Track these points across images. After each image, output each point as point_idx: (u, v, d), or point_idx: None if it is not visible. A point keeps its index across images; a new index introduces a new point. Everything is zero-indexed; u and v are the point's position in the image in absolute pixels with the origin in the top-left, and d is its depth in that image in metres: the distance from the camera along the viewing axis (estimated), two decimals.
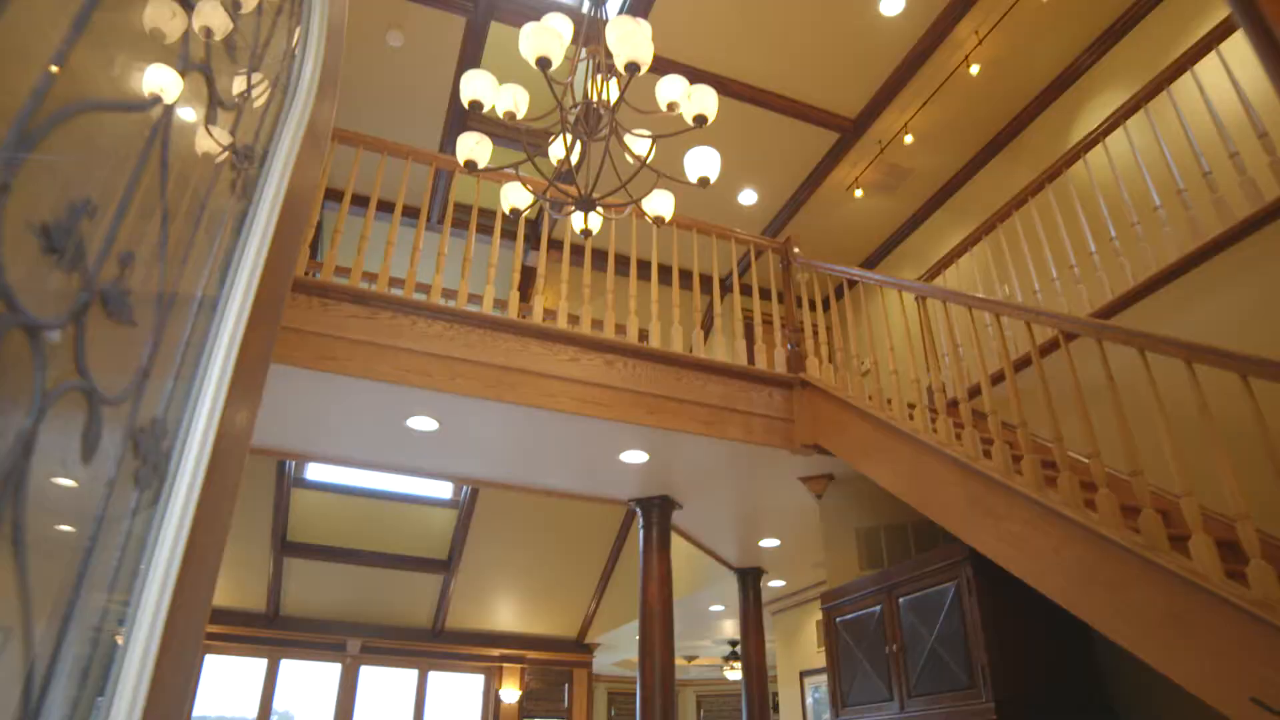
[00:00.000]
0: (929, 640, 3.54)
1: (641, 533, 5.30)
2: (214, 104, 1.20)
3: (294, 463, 9.73)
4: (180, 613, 1.08)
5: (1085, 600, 2.74)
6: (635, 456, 4.72)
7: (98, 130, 0.89)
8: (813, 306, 6.77)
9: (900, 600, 3.78)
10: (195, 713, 10.55)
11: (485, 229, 6.95)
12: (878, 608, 3.94)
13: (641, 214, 3.79)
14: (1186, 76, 3.96)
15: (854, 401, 4.16)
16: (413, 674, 11.01)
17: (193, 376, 1.16)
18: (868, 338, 4.46)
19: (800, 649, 8.18)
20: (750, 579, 7.10)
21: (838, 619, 4.27)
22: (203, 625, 1.15)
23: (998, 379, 4.36)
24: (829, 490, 5.06)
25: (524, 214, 3.92)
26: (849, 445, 4.17)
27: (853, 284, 6.65)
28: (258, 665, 10.54)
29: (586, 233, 4.09)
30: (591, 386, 4.24)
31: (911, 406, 4.44)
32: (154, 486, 1.03)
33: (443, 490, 10.46)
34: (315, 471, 10.17)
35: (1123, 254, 4.04)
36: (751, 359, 4.70)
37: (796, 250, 5.11)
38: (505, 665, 11.17)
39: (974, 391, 4.52)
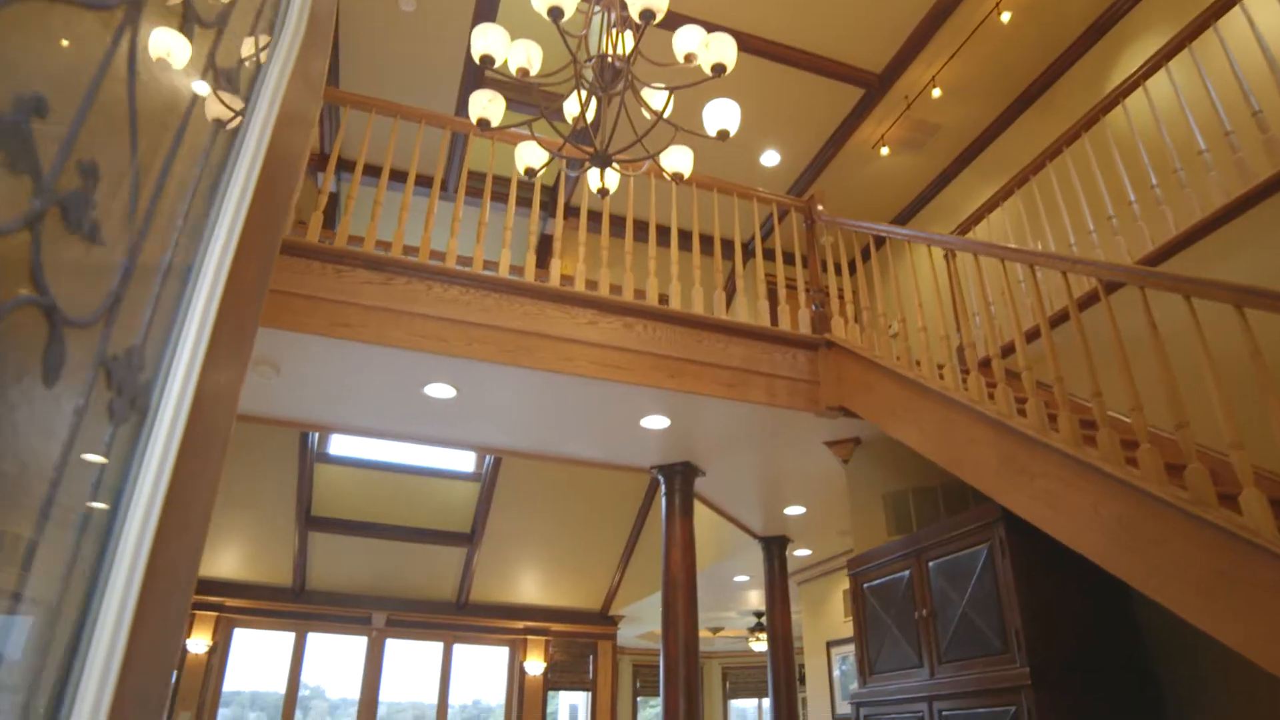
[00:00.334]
0: (960, 604, 3.44)
1: (664, 500, 5.23)
2: (190, 19, 1.11)
3: (316, 438, 9.75)
4: (162, 564, 1.00)
5: (1125, 559, 2.63)
6: (656, 422, 4.63)
7: (49, 20, 0.81)
8: (838, 270, 6.65)
9: (930, 564, 3.68)
10: (226, 687, 10.69)
11: (500, 196, 6.85)
12: (906, 572, 3.84)
13: (660, 171, 3.68)
14: (1235, 11, 3.77)
15: (881, 361, 4.04)
16: (438, 647, 11.07)
17: (175, 307, 1.07)
18: (895, 298, 4.33)
19: (827, 619, 8.11)
20: (775, 548, 7.02)
21: (865, 585, 4.18)
22: (190, 583, 1.06)
23: (1032, 336, 4.22)
24: (855, 454, 4.95)
25: (539, 174, 3.83)
26: (876, 406, 4.06)
27: (880, 244, 6.53)
28: (285, 639, 10.64)
29: (604, 192, 3.98)
30: (610, 350, 4.15)
31: (941, 367, 4.31)
32: (131, 421, 0.95)
33: (464, 463, 10.46)
34: (338, 446, 10.19)
35: (1164, 202, 3.88)
36: (774, 320, 4.59)
37: (820, 208, 4.97)
38: (530, 638, 11.20)
39: (1007, 350, 4.38)
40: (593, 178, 3.99)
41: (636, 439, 4.89)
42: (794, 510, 6.28)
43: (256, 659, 10.56)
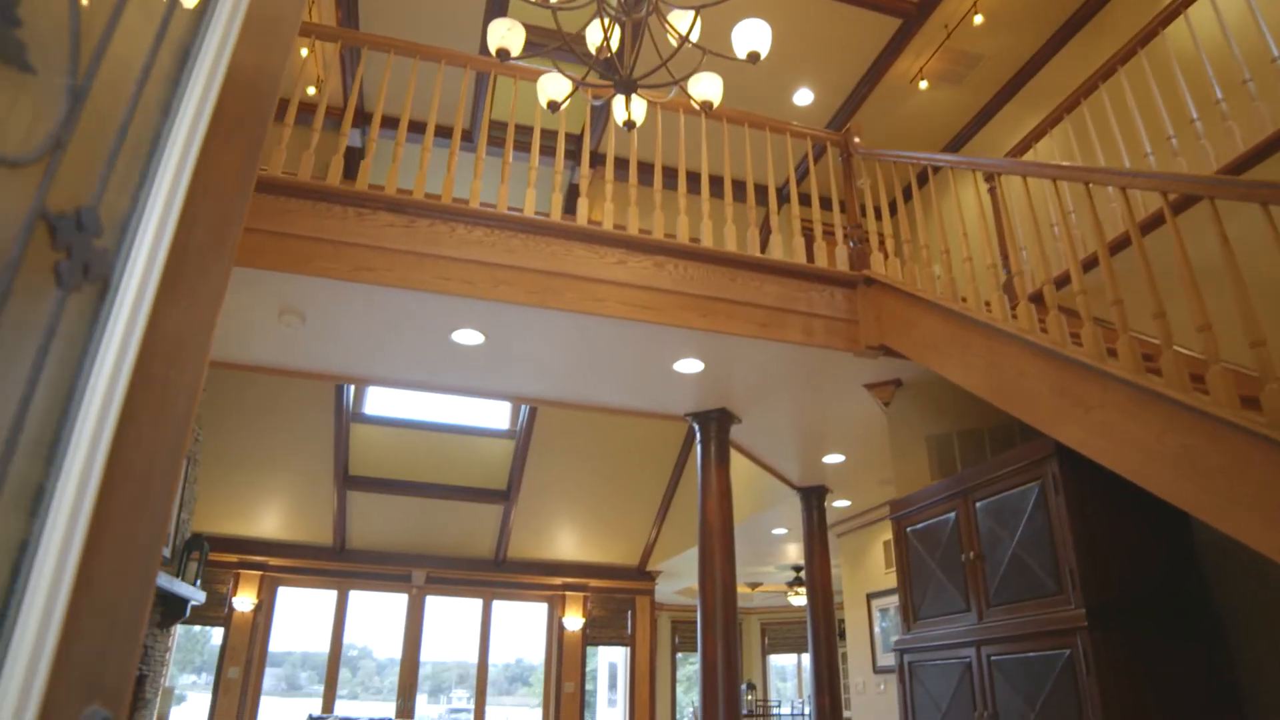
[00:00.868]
0: (1010, 545, 3.29)
1: (699, 448, 5.11)
2: None
3: (351, 399, 9.78)
4: (131, 465, 0.89)
5: (1191, 490, 2.47)
6: (690, 366, 4.50)
7: None
8: (878, 215, 6.43)
9: (977, 505, 3.53)
10: (277, 648, 10.88)
11: (523, 145, 6.70)
12: (952, 514, 3.70)
13: (688, 101, 3.51)
14: None
15: (923, 295, 3.86)
16: (477, 603, 11.16)
17: (141, 175, 0.96)
18: (939, 234, 4.13)
19: (867, 571, 8.00)
20: (814, 498, 6.90)
21: (908, 529, 4.04)
22: (167, 500, 0.95)
23: (1088, 265, 3.99)
24: (897, 397, 4.79)
25: (562, 107, 3.68)
26: (918, 343, 3.89)
27: (922, 182, 6.25)
28: (328, 597, 10.78)
29: (630, 124, 3.82)
30: (640, 290, 4.01)
31: (987, 304, 4.11)
32: (86, 292, 0.84)
33: (499, 421, 10.44)
34: (373, 406, 10.22)
35: (1230, 118, 3.62)
36: (810, 258, 4.42)
37: (857, 140, 4.76)
38: (568, 593, 11.25)
39: (1061, 281, 4.15)
40: (618, 110, 3.83)
41: (670, 384, 4.77)
42: (833, 459, 6.13)
43: (305, 621, 10.72)
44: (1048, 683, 2.97)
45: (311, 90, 6.27)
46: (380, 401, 10.34)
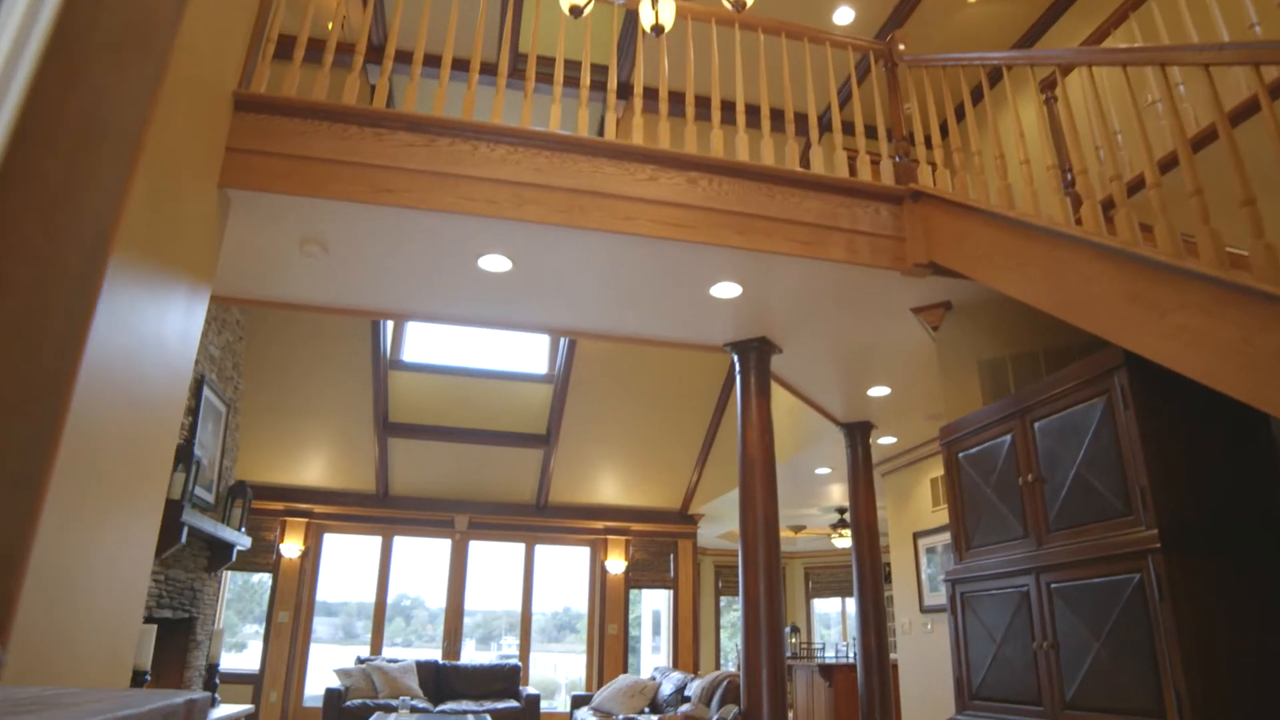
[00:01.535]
0: (1072, 466, 3.07)
1: (739, 379, 4.93)
2: None
3: (389, 345, 9.74)
4: None
5: None
6: (727, 290, 4.29)
7: None
8: (928, 140, 6.11)
9: (1035, 425, 3.31)
10: (333, 598, 11.04)
11: (545, 77, 6.46)
12: (1007, 437, 3.48)
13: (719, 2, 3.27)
14: None
15: (976, 204, 3.60)
16: (520, 548, 11.19)
17: None
18: (993, 140, 3.83)
19: (913, 510, 7.80)
20: (858, 435, 6.69)
21: (960, 454, 3.83)
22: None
23: (1166, 166, 3.64)
24: (945, 321, 4.54)
25: (585, 10, 3.46)
26: (970, 257, 3.63)
27: (976, 100, 5.91)
28: (373, 543, 10.89)
29: (658, 29, 3.59)
30: (673, 207, 3.80)
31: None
32: None
33: (537, 365, 10.34)
34: (410, 353, 10.18)
35: None
36: (853, 174, 4.16)
37: (902, 47, 4.45)
38: (610, 537, 11.23)
39: (1133, 187, 3.81)
40: (645, 12, 3.60)
41: (707, 311, 4.57)
42: (878, 391, 5.91)
43: (357, 572, 10.84)
44: (1115, 610, 2.77)
45: (330, 26, 6.08)
46: (418, 348, 10.30)
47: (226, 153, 3.56)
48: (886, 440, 7.32)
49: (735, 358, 4.97)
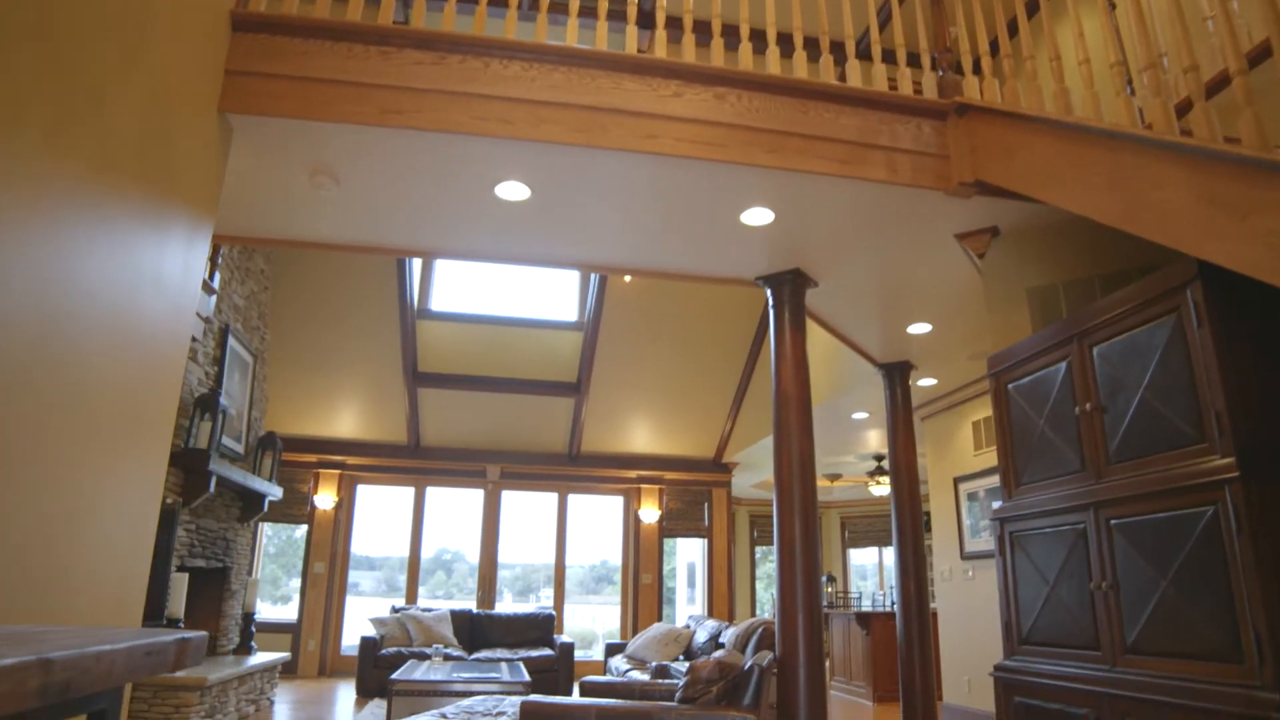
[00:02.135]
0: (1136, 392, 2.82)
1: (772, 313, 4.69)
2: None
3: (416, 294, 9.61)
4: None
5: None
6: (759, 216, 4.04)
7: None
8: (977, 68, 5.73)
9: (1094, 350, 3.05)
10: (375, 553, 11.08)
11: (559, 7, 6.15)
12: (1063, 364, 3.22)
13: None
14: None
15: (1029, 112, 3.30)
16: (552, 497, 11.13)
17: None
18: (1048, 45, 3.52)
19: (954, 455, 7.55)
20: (897, 376, 6.43)
21: (1010, 385, 3.58)
22: None
23: (1256, 59, 3.28)
24: (992, 247, 4.25)
25: None
26: (1022, 172, 3.35)
27: (1032, 13, 5.48)
28: (406, 494, 10.88)
29: None
30: (700, 124, 3.55)
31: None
32: None
33: (567, 313, 10.17)
34: (438, 302, 10.05)
35: None
36: (894, 88, 3.88)
37: None
38: (643, 486, 11.12)
39: (1212, 87, 3.45)
40: None
41: (738, 240, 4.33)
42: (918, 329, 5.64)
43: (397, 527, 10.86)
44: (1184, 546, 2.54)
45: None
46: (445, 297, 10.17)
47: (225, 75, 3.37)
48: (926, 382, 7.06)
49: (769, 292, 4.73)
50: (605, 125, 3.47)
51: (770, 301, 4.73)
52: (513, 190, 3.89)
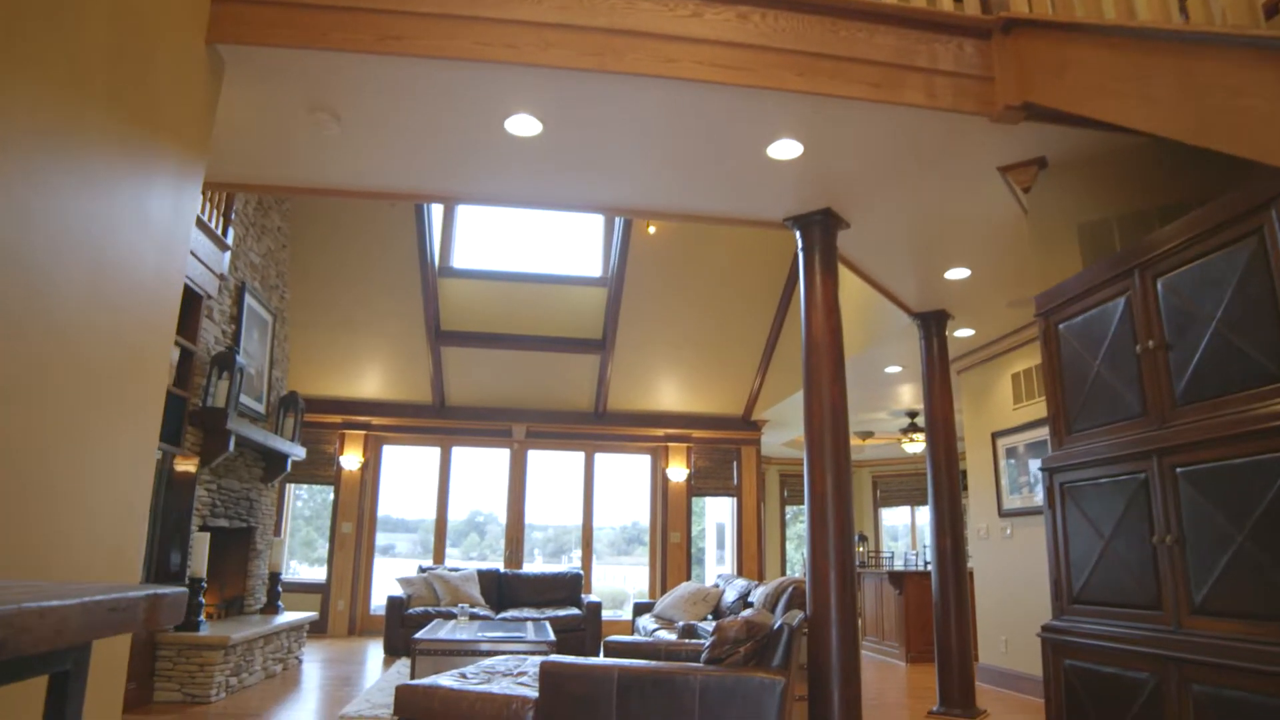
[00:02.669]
0: (1208, 326, 2.54)
1: (802, 256, 4.43)
2: None
3: (437, 252, 9.42)
4: None
5: None
6: (787, 149, 3.76)
7: None
8: None
9: (1158, 282, 2.76)
10: (410, 515, 11.03)
11: None
12: (1121, 299, 2.94)
13: None
14: None
15: (1085, 20, 2.99)
16: (579, 456, 10.99)
17: None
18: None
19: (992, 409, 7.26)
20: (934, 325, 6.15)
21: (1060, 325, 3.30)
22: None
23: None
24: (1039, 181, 3.95)
25: None
26: (1076, 89, 3.04)
27: None
28: (431, 454, 10.80)
29: None
30: (721, 46, 3.27)
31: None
32: None
33: (590, 268, 9.93)
34: (460, 259, 9.86)
35: None
36: (933, 3, 3.56)
37: None
38: (671, 444, 10.95)
39: None
40: None
41: (764, 177, 4.06)
42: (956, 274, 5.34)
43: (431, 490, 10.80)
44: (1265, 495, 2.27)
45: None
46: (467, 254, 9.97)
47: (213, 2, 3.15)
48: (964, 333, 6.75)
49: (798, 234, 4.47)
50: (618, 49, 3.20)
51: (800, 244, 4.46)
52: (523, 125, 3.64)
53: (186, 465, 6.09)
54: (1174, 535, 2.57)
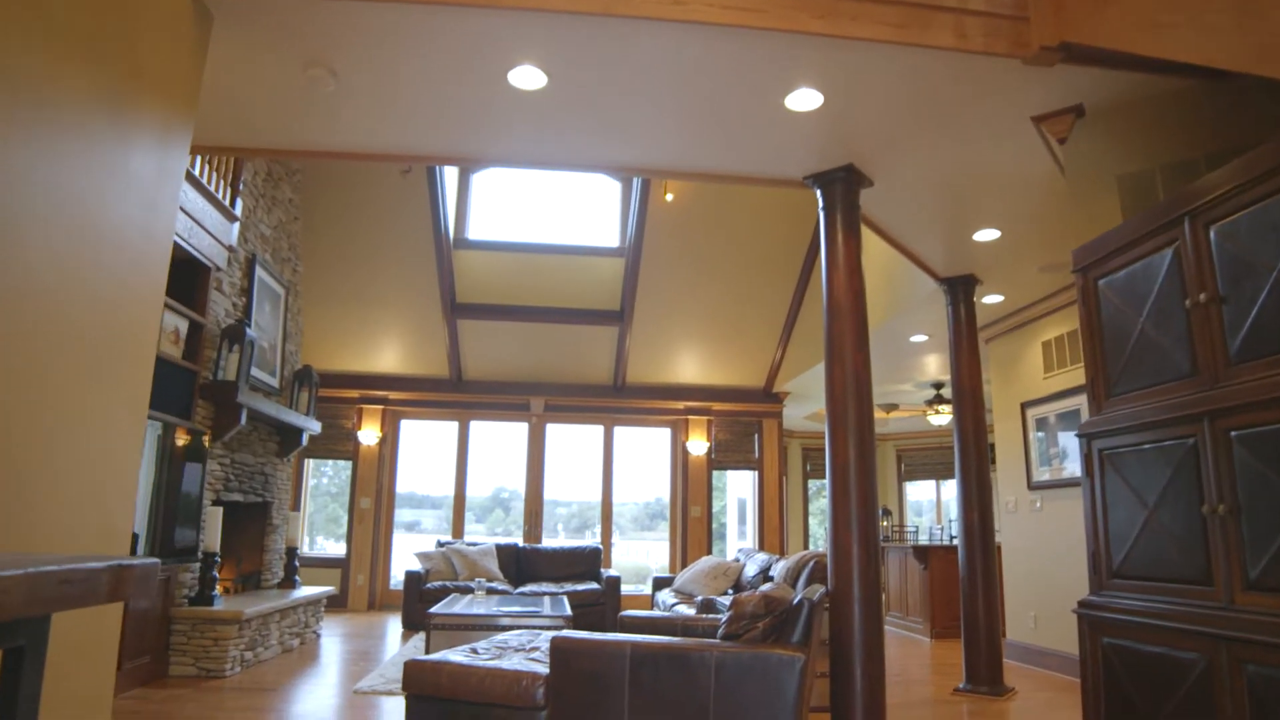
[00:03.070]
0: (1268, 275, 2.32)
1: (823, 217, 4.22)
2: None
3: (451, 223, 9.26)
4: None
5: None
6: (806, 99, 3.55)
7: None
8: None
9: (1210, 230, 2.54)
10: (435, 492, 10.95)
11: None
12: (1169, 250, 2.72)
13: None
14: None
15: None
16: (598, 430, 10.86)
17: None
18: None
19: (1022, 379, 7.02)
20: (961, 291, 5.92)
21: (1101, 280, 3.08)
22: None
23: None
24: (1076, 130, 3.71)
25: None
26: (1120, 24, 2.80)
27: None
28: (449, 429, 10.71)
29: None
30: None
31: None
32: None
33: (608, 238, 9.75)
34: (475, 231, 9.71)
35: None
36: None
37: None
38: (691, 418, 10.78)
39: None
40: None
41: (783, 130, 3.85)
42: (985, 235, 5.10)
43: (450, 465, 10.73)
44: None
45: None
46: (482, 225, 9.81)
47: None
48: (992, 299, 6.51)
49: (819, 193, 4.26)
50: None
51: (821, 204, 4.25)
52: (528, 77, 3.45)
53: (194, 439, 6.00)
54: (1227, 504, 2.37)
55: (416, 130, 3.98)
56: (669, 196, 8.69)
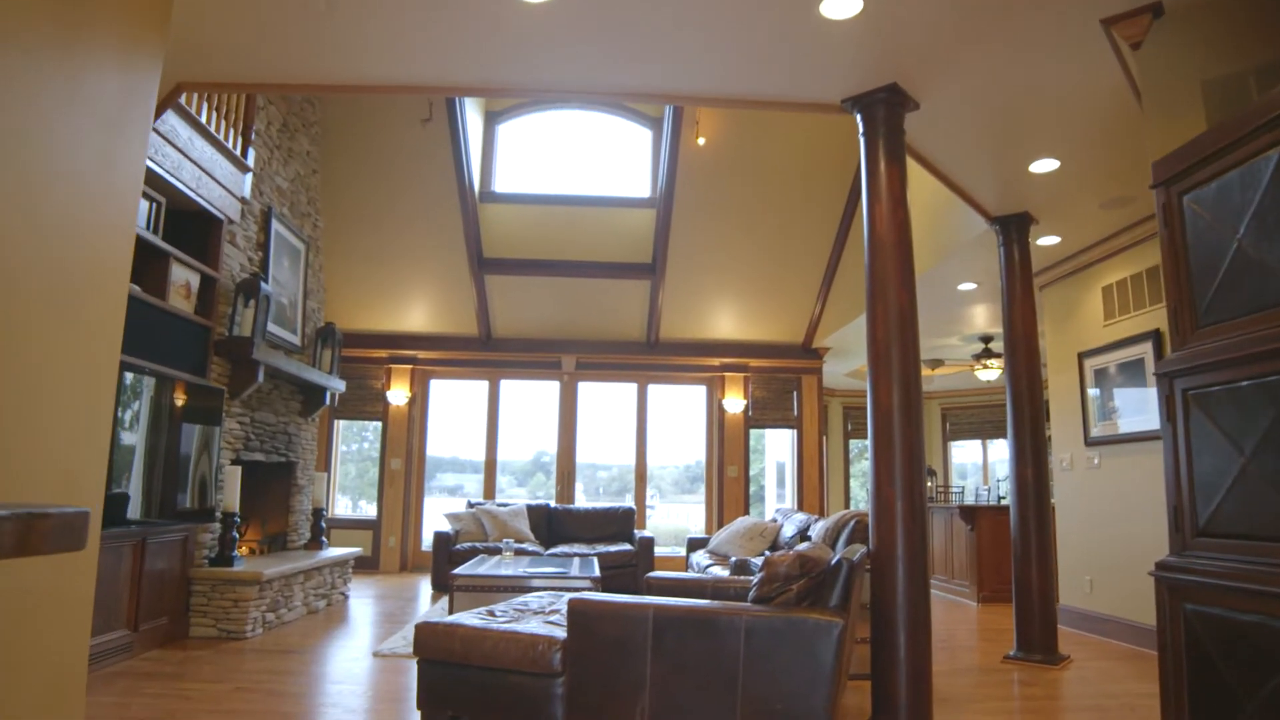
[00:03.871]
0: None
1: (864, 144, 3.83)
2: None
3: (476, 176, 8.97)
4: None
5: None
6: (843, 5, 3.16)
7: None
8: None
9: None
10: (471, 456, 10.78)
11: None
12: (1274, 153, 2.31)
13: None
14: None
15: None
16: (631, 387, 10.58)
17: None
18: None
19: (1079, 328, 6.57)
20: (1014, 231, 5.48)
21: (1186, 195, 2.67)
22: None
23: None
24: (1153, 33, 3.27)
25: None
26: None
27: None
28: (480, 388, 10.51)
29: None
30: None
31: None
32: None
33: (638, 189, 9.38)
34: (501, 183, 9.41)
35: None
36: None
37: None
38: (727, 375, 10.45)
39: None
40: None
41: (816, 44, 3.45)
42: (1042, 166, 4.66)
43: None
44: None
45: None
46: (508, 177, 9.50)
47: None
48: (1047, 241, 6.04)
49: (859, 117, 3.86)
50: None
51: (862, 129, 3.86)
52: None
53: (193, 396, 5.79)
54: None
55: (418, 58, 3.65)
56: (700, 140, 8.28)
